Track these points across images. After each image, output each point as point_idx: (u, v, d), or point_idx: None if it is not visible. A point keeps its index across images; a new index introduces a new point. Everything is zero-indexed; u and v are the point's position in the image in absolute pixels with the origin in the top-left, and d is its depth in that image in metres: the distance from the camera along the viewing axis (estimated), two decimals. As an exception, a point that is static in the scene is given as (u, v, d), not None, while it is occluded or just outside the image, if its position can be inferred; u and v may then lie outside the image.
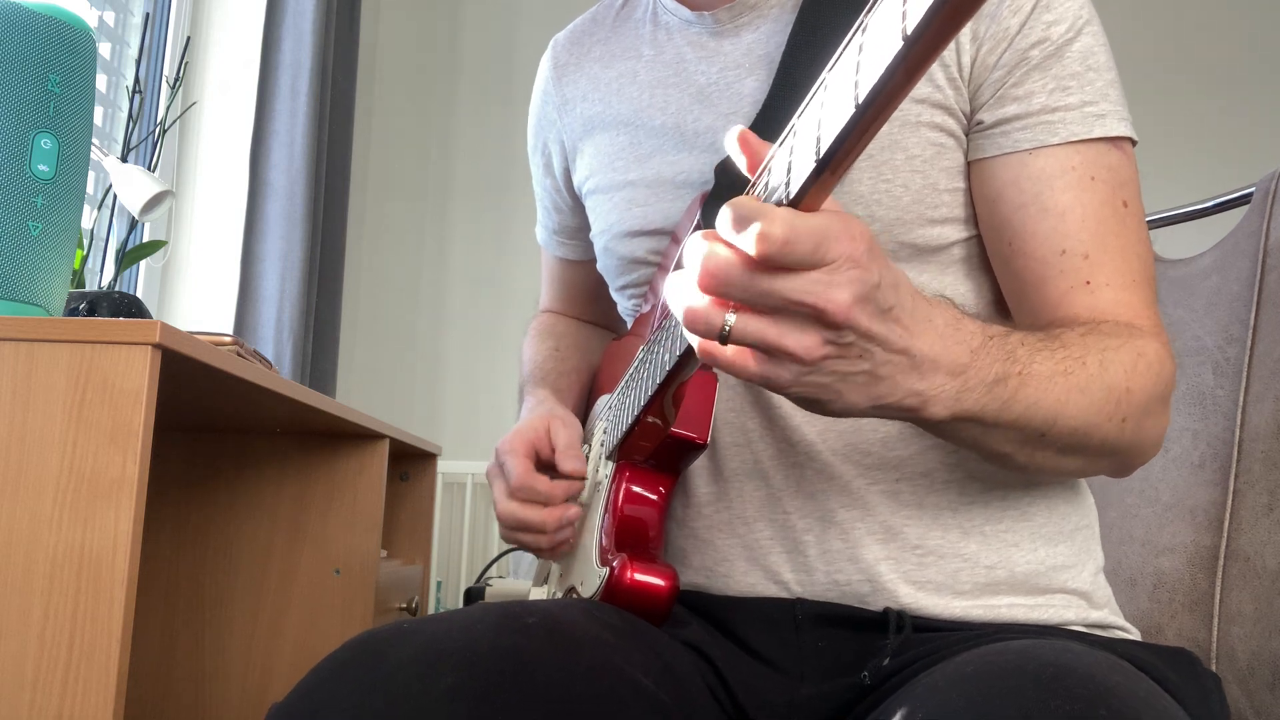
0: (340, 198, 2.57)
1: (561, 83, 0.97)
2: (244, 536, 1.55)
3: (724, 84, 0.83)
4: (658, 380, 0.69)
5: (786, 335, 0.50)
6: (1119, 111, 0.72)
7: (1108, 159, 0.72)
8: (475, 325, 2.96)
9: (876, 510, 0.74)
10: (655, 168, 0.85)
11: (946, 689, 0.55)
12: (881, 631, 0.71)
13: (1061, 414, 0.63)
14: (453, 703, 0.56)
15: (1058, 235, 0.71)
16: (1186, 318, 1.12)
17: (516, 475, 0.82)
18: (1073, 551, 0.76)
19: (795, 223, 0.47)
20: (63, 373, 0.80)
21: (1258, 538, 0.99)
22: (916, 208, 0.74)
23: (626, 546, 0.76)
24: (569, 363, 1.01)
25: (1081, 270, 0.71)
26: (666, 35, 0.88)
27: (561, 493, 0.82)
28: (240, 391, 1.12)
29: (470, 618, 0.63)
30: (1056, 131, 0.71)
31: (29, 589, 0.78)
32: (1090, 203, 0.71)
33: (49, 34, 0.93)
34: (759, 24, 0.82)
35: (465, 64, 3.10)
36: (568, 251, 1.06)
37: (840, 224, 0.49)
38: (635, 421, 0.74)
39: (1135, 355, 0.67)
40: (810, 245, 0.48)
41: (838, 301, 0.49)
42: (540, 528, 0.81)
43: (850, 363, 0.52)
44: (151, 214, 1.63)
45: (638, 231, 0.86)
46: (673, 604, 0.73)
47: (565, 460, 0.83)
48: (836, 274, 0.49)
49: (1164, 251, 1.24)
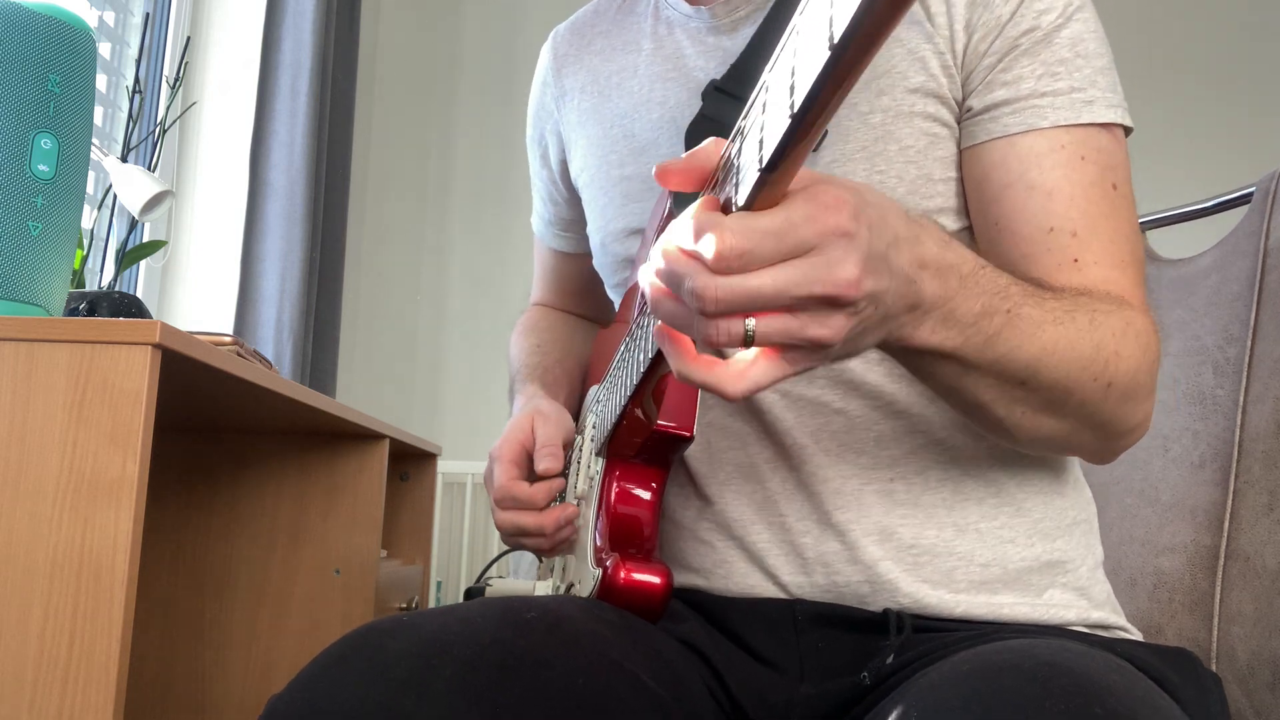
0: (340, 198, 2.57)
1: (561, 74, 0.96)
2: (244, 536, 1.55)
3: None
4: (636, 378, 0.69)
5: (809, 325, 0.48)
6: (1108, 98, 0.72)
7: (1098, 141, 0.71)
8: (475, 325, 2.95)
9: (872, 510, 0.74)
10: (651, 161, 0.85)
11: (942, 687, 0.55)
12: (881, 632, 0.70)
13: (1045, 363, 0.61)
14: (452, 694, 0.56)
15: (1045, 213, 0.70)
16: (1186, 317, 1.12)
17: (497, 486, 0.82)
18: (1069, 546, 0.76)
19: (750, 224, 0.45)
20: (63, 373, 0.80)
21: (1258, 537, 0.99)
22: (911, 199, 0.74)
23: (620, 545, 0.76)
24: (551, 356, 1.01)
25: (1069, 248, 0.70)
26: (667, 29, 0.88)
27: (543, 496, 0.81)
28: (240, 391, 1.12)
29: (470, 611, 0.63)
30: (1045, 116, 0.71)
31: (29, 589, 0.78)
32: (1079, 181, 0.70)
33: (49, 34, 0.93)
34: (756, 17, 0.82)
35: (465, 64, 3.10)
36: (563, 244, 1.06)
37: (804, 203, 0.46)
38: (620, 418, 0.74)
39: (1125, 323, 0.66)
40: (774, 242, 0.45)
41: (845, 279, 0.46)
42: (538, 531, 0.81)
43: (868, 321, 0.50)
44: (151, 214, 1.63)
45: (634, 230, 0.86)
46: (668, 602, 0.73)
47: (540, 460, 0.82)
48: (827, 250, 0.46)
49: (1164, 251, 1.24)
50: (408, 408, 2.90)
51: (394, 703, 0.55)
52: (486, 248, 2.99)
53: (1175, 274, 1.17)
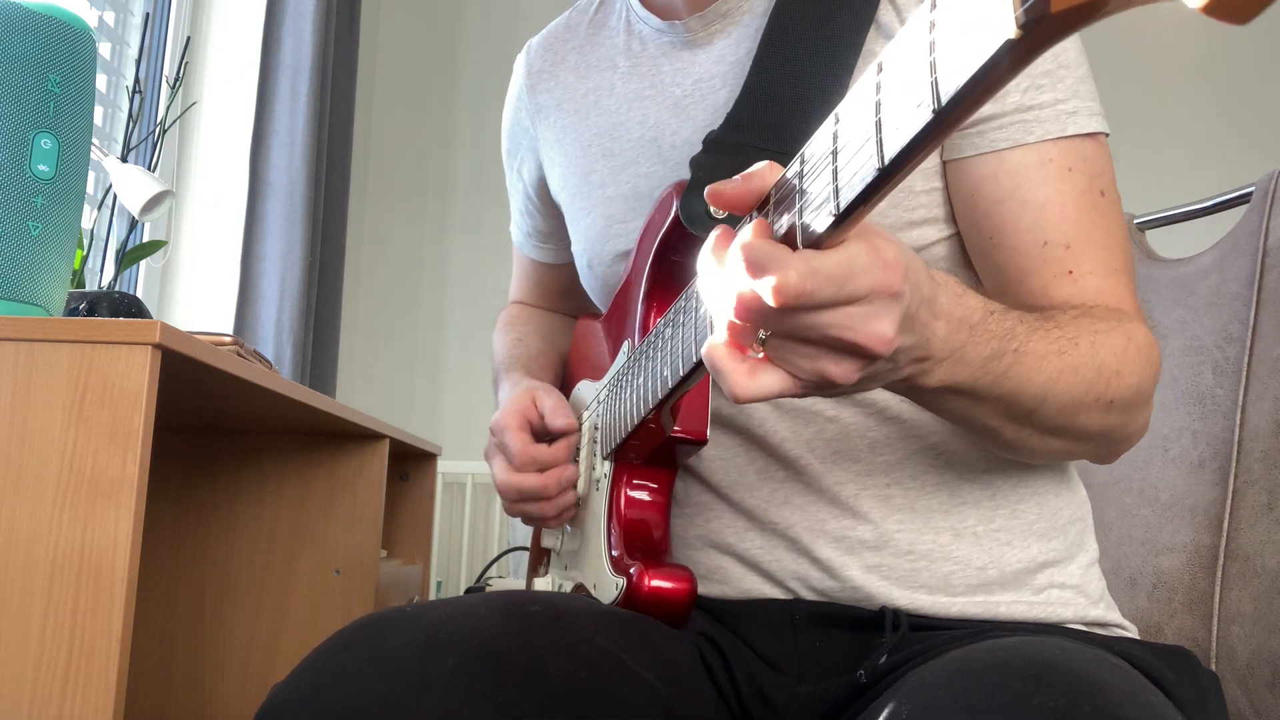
0: (340, 198, 2.57)
1: (535, 90, 0.96)
2: (244, 536, 1.55)
3: (699, 95, 0.82)
4: (662, 391, 0.67)
5: (824, 360, 0.49)
6: (1090, 107, 0.72)
7: (1082, 150, 0.72)
8: (475, 325, 2.95)
9: (868, 517, 0.74)
10: (632, 181, 0.85)
11: (933, 684, 0.55)
12: (878, 630, 0.71)
13: (1051, 391, 0.62)
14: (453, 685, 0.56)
15: (1039, 227, 0.71)
16: (1186, 317, 1.12)
17: (518, 449, 0.82)
18: (1065, 546, 0.76)
19: (815, 266, 0.45)
20: (63, 373, 0.80)
21: (1257, 537, 0.99)
22: (894, 212, 0.74)
23: (638, 551, 0.76)
24: (534, 348, 1.02)
25: (1064, 260, 0.71)
26: (641, 45, 0.88)
27: (564, 453, 0.82)
28: (240, 391, 1.12)
29: (473, 604, 0.63)
30: (1032, 130, 0.71)
31: (29, 589, 0.78)
32: (1069, 193, 0.71)
33: (49, 34, 0.93)
34: (731, 30, 0.81)
35: (465, 64, 3.10)
36: (542, 255, 1.07)
37: (867, 255, 0.46)
38: (636, 426, 0.73)
39: (1126, 339, 0.67)
40: (833, 289, 0.45)
41: (880, 335, 0.47)
42: (542, 493, 0.82)
43: (880, 370, 0.52)
44: (151, 214, 1.62)
45: (622, 253, 0.86)
46: (693, 605, 0.73)
47: (556, 418, 0.82)
48: (874, 304, 0.47)
49: (1164, 251, 1.24)
50: (408, 408, 2.90)
51: (395, 692, 0.56)
52: (486, 248, 2.99)
53: (1175, 274, 1.17)
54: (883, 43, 0.74)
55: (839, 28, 0.73)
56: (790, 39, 0.75)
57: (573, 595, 0.77)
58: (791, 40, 0.75)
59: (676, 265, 0.77)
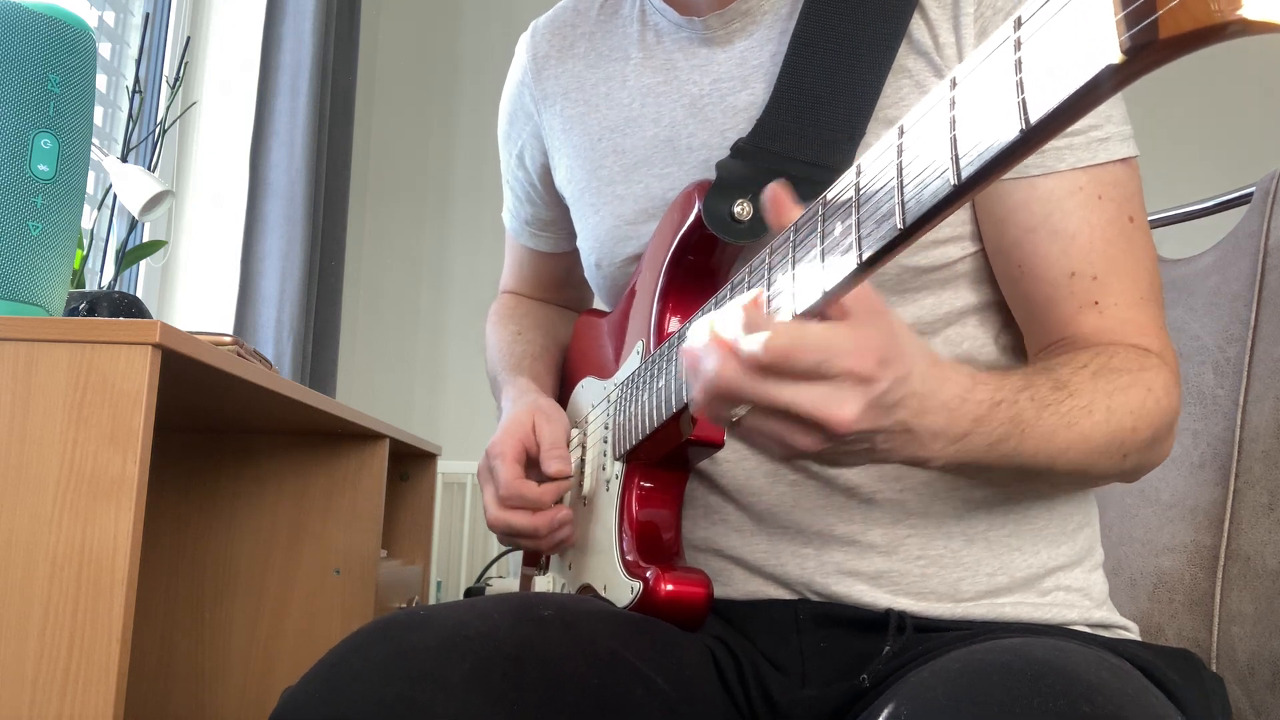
0: (340, 198, 2.57)
1: (541, 75, 0.93)
2: (244, 536, 1.55)
3: (717, 96, 0.80)
4: (684, 399, 0.67)
5: (790, 434, 0.53)
6: (1122, 131, 0.72)
7: (1113, 175, 0.71)
8: (475, 325, 2.93)
9: (879, 522, 0.73)
10: (644, 181, 0.83)
11: (932, 685, 0.55)
12: (883, 633, 0.70)
13: (1062, 459, 0.64)
14: (469, 688, 0.56)
15: (1067, 258, 0.71)
16: (1186, 317, 1.12)
17: (504, 483, 0.81)
18: (1074, 551, 0.76)
19: (799, 337, 0.50)
20: (63, 373, 0.80)
21: (1258, 537, 0.99)
22: None
23: (650, 553, 0.75)
24: (536, 344, 1.00)
25: (1091, 291, 0.71)
26: (656, 38, 0.86)
27: (551, 496, 0.81)
28: (240, 391, 1.12)
29: (486, 607, 0.63)
30: (1064, 157, 0.70)
31: (29, 589, 0.78)
32: (1098, 223, 0.71)
33: (49, 34, 0.93)
34: (752, 30, 0.80)
35: (465, 64, 3.10)
36: (539, 243, 1.04)
37: (850, 338, 0.50)
38: (655, 430, 0.73)
39: (1144, 392, 0.67)
40: (811, 361, 0.50)
41: (840, 418, 0.51)
42: (533, 534, 0.81)
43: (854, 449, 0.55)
44: (151, 214, 1.63)
45: (633, 257, 0.85)
46: (709, 610, 0.73)
47: (549, 462, 0.82)
48: (840, 389, 0.50)
49: (1164, 251, 1.23)
50: (408, 408, 2.90)
51: (412, 695, 0.56)
52: (486, 247, 2.99)
53: (1175, 274, 1.17)
54: (914, 57, 0.73)
55: (871, 41, 0.73)
56: (820, 47, 0.74)
57: (584, 598, 0.76)
58: (822, 49, 0.74)
59: (694, 266, 0.77)
